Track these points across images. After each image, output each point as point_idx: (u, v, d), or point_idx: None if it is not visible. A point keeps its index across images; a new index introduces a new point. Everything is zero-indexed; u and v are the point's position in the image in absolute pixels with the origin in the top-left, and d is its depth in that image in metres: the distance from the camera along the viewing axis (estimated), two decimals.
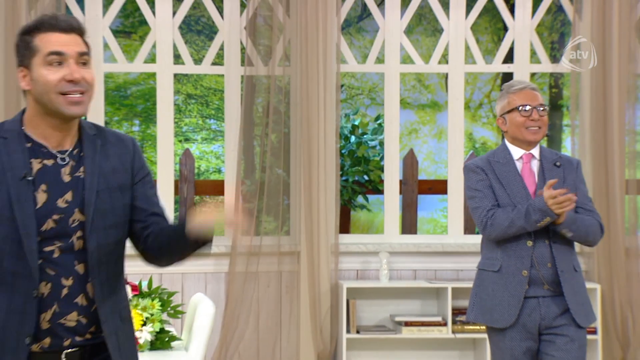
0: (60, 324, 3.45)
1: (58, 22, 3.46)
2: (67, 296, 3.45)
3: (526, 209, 5.42)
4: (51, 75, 3.39)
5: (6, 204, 3.38)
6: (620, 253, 9.34)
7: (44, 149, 3.47)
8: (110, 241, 3.52)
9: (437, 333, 9.18)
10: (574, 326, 5.53)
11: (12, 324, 3.41)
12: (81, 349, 3.51)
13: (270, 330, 9.36)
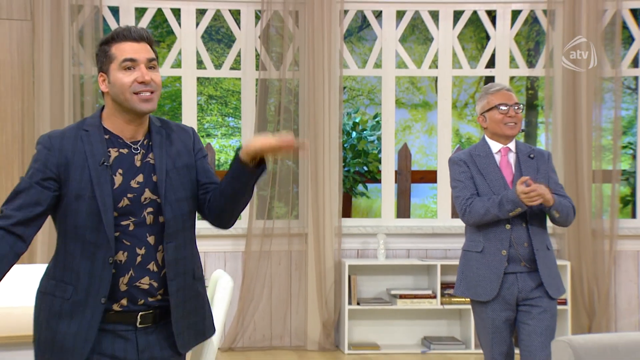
0: (135, 286, 3.59)
1: (130, 33, 3.61)
2: (140, 263, 3.59)
3: (500, 200, 5.45)
4: (126, 78, 3.55)
5: (88, 185, 3.53)
6: (588, 234, 9.40)
7: (120, 140, 3.63)
8: (184, 212, 3.67)
9: (427, 305, 9.27)
10: (547, 298, 5.56)
11: (93, 286, 3.53)
12: (154, 310, 3.63)
13: (282, 302, 9.46)
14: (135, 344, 3.62)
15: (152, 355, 3.65)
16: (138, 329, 3.62)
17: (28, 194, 3.55)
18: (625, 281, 9.63)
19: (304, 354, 9.21)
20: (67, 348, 3.56)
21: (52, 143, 3.60)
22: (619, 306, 9.63)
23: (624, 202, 10.86)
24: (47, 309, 3.62)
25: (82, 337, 3.55)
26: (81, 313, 3.55)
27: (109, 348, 3.59)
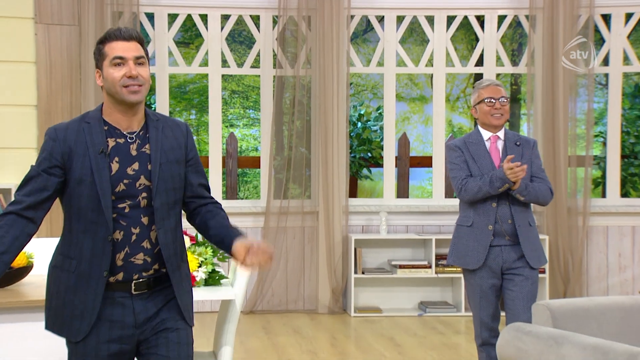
0: (130, 261, 3.58)
1: (121, 33, 3.60)
2: (135, 241, 3.58)
3: (490, 178, 5.47)
4: (116, 73, 3.54)
5: (88, 172, 3.53)
6: (564, 211, 9.44)
7: (118, 130, 3.61)
8: (170, 200, 3.64)
9: (423, 273, 9.33)
10: (528, 268, 5.60)
11: (95, 260, 3.53)
12: (147, 279, 3.62)
13: (296, 271, 9.52)
14: (132, 309, 3.60)
15: (149, 313, 3.63)
16: (133, 295, 3.61)
17: (36, 181, 3.55)
18: (595, 252, 9.67)
19: (316, 317, 9.24)
20: (75, 315, 3.57)
21: (57, 134, 3.59)
22: (590, 274, 9.67)
23: (595, 183, 10.89)
24: (57, 281, 3.62)
25: (90, 306, 3.55)
26: (86, 284, 3.55)
27: (108, 314, 3.58)
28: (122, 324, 3.59)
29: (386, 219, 9.42)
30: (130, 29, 3.64)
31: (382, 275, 9.38)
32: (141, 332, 3.63)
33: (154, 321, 3.64)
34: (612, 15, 9.66)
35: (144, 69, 3.58)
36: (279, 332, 8.52)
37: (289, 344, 8.05)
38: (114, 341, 3.59)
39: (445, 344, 8.07)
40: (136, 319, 3.61)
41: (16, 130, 8.95)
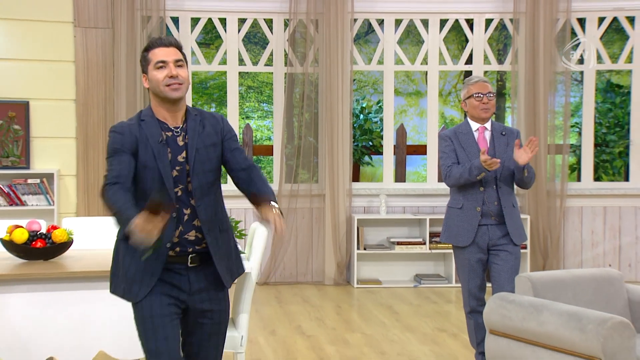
0: (185, 238, 3.66)
1: (162, 41, 3.73)
2: (187, 220, 3.66)
3: (469, 167, 5.48)
4: (159, 75, 3.65)
5: (152, 158, 3.61)
6: (543, 194, 9.44)
7: (166, 125, 3.70)
8: (209, 180, 3.71)
9: (418, 249, 9.33)
10: (512, 244, 5.61)
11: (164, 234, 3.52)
12: (200, 254, 3.69)
13: (305, 247, 9.52)
14: (187, 278, 3.68)
15: (200, 287, 3.71)
16: (189, 267, 3.68)
17: (120, 161, 3.61)
18: (571, 230, 9.68)
19: (322, 288, 9.26)
20: (136, 280, 3.64)
21: (123, 129, 3.66)
22: (567, 249, 9.67)
23: (572, 169, 10.87)
24: (124, 252, 3.68)
25: (149, 273, 3.62)
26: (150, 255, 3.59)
27: (169, 278, 3.66)
28: (178, 289, 3.68)
29: (385, 201, 9.42)
30: (170, 37, 3.77)
31: (381, 251, 9.39)
32: (191, 299, 3.72)
33: (203, 294, 3.74)
34: (587, 19, 9.63)
35: (183, 70, 3.69)
36: (290, 301, 8.55)
37: (298, 312, 8.07)
38: (170, 303, 3.67)
39: (438, 312, 8.08)
40: (191, 287, 3.70)
41: (57, 122, 8.97)
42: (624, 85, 13.21)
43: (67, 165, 8.99)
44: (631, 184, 9.87)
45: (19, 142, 8.83)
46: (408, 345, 6.82)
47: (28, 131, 8.87)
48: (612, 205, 9.71)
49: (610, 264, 9.65)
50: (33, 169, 8.89)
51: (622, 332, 4.51)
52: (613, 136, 13.32)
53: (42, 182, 8.81)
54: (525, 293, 5.21)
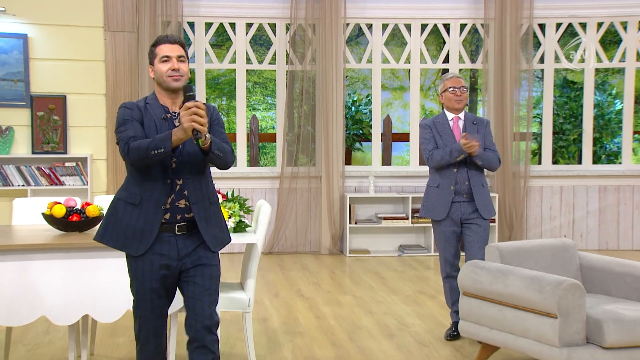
0: (175, 205, 3.65)
1: (168, 38, 3.76)
2: (178, 190, 3.66)
3: (450, 150, 5.51)
4: (163, 67, 3.70)
5: (154, 131, 3.64)
6: (510, 175, 9.43)
7: (167, 109, 3.74)
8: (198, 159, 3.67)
9: (402, 223, 9.32)
10: (481, 218, 5.64)
11: (155, 196, 3.62)
12: (187, 222, 3.68)
13: (304, 222, 9.50)
14: (176, 245, 3.67)
15: (188, 251, 3.68)
16: (177, 235, 3.67)
17: (132, 126, 3.63)
18: (533, 206, 9.69)
19: (319, 257, 9.25)
20: (136, 236, 3.64)
21: (132, 105, 3.71)
22: (529, 223, 9.69)
23: (534, 154, 10.86)
24: (122, 210, 3.68)
25: (148, 230, 3.62)
26: (146, 213, 3.63)
27: (158, 248, 3.65)
28: (168, 257, 3.66)
29: (374, 182, 9.41)
30: (175, 35, 3.80)
31: (370, 225, 9.37)
32: (182, 264, 3.70)
33: (192, 257, 3.70)
34: (547, 24, 9.62)
35: (183, 64, 3.72)
36: (291, 268, 8.55)
37: (298, 277, 8.08)
38: (162, 268, 3.66)
39: (419, 277, 8.09)
40: (179, 253, 3.68)
41: (89, 113, 9.00)
42: (577, 82, 13.21)
43: (98, 151, 9.01)
44: (583, 166, 9.88)
45: (58, 131, 8.86)
46: (393, 305, 6.83)
47: (65, 121, 8.90)
48: (567, 185, 9.72)
49: (565, 234, 9.68)
50: (70, 153, 8.93)
51: (574, 292, 4.53)
52: (568, 125, 13.32)
53: (78, 165, 8.85)
54: (493, 260, 5.22)
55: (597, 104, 12.74)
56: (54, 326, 5.99)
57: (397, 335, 5.86)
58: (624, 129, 9.93)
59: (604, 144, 13.64)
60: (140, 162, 3.55)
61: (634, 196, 9.75)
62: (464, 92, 5.71)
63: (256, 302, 6.85)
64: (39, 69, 8.85)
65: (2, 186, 8.72)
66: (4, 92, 8.75)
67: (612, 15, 9.67)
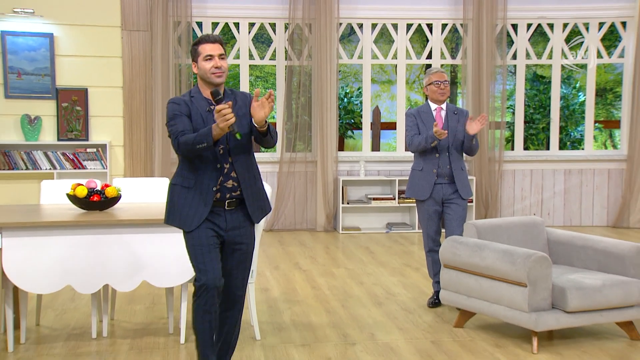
0: (224, 185, 3.73)
1: (209, 38, 3.76)
2: (226, 172, 3.73)
3: (426, 137, 5.51)
4: (207, 65, 3.71)
5: (201, 123, 3.68)
6: (486, 160, 9.42)
7: (209, 100, 3.76)
8: (243, 142, 3.74)
9: (389, 203, 9.31)
10: (460, 198, 5.63)
11: (206, 180, 3.69)
12: (235, 199, 3.76)
13: (301, 202, 9.47)
14: (225, 218, 3.75)
15: (234, 225, 3.77)
16: (226, 210, 3.75)
17: (181, 121, 3.67)
18: (506, 188, 9.69)
19: (315, 233, 9.25)
20: (190, 214, 3.71)
21: (179, 100, 3.74)
22: (503, 202, 9.70)
23: (507, 141, 10.86)
24: (178, 193, 3.74)
25: (201, 209, 3.69)
26: (199, 195, 3.69)
27: (211, 218, 3.72)
28: (218, 227, 3.76)
29: (364, 166, 9.39)
30: (215, 35, 3.80)
31: (361, 204, 9.36)
32: (228, 235, 3.79)
33: (236, 232, 3.80)
34: (519, 25, 9.60)
35: (224, 61, 3.75)
36: (290, 244, 8.56)
37: (296, 252, 8.09)
38: (214, 235, 3.75)
39: (404, 251, 8.11)
40: (227, 225, 3.77)
41: (108, 104, 8.97)
42: (546, 76, 13.22)
43: (116, 138, 9.00)
44: (550, 152, 9.87)
45: (80, 120, 8.86)
46: (381, 277, 6.85)
47: (87, 111, 8.88)
48: (537, 169, 9.73)
49: (534, 213, 9.70)
50: (91, 140, 8.92)
51: (542, 263, 4.56)
52: (538, 115, 13.37)
53: (98, 151, 8.85)
54: (471, 236, 5.23)
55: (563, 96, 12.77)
56: (79, 294, 6.00)
57: (384, 303, 5.88)
58: (586, 118, 9.95)
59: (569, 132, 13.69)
60: (189, 154, 3.64)
61: (595, 178, 9.78)
62: (446, 85, 5.69)
63: (258, 274, 6.86)
64: (63, 64, 8.83)
65: (32, 169, 8.75)
66: (33, 86, 8.74)
67: (575, 17, 9.66)
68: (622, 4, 9.61)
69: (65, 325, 5.21)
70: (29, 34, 8.71)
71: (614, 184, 9.77)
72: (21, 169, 8.72)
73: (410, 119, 5.73)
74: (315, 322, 5.31)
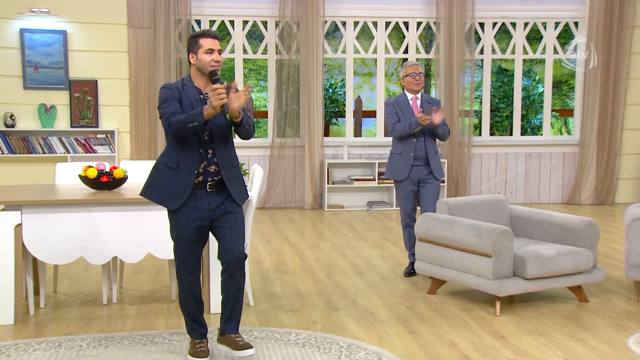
0: (207, 170, 3.62)
1: (210, 33, 3.66)
2: (209, 157, 3.62)
3: (409, 123, 5.49)
4: (207, 58, 3.60)
5: (191, 108, 3.59)
6: (457, 144, 9.42)
7: (200, 90, 3.67)
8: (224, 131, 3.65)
9: (370, 184, 9.30)
10: (434, 179, 5.62)
11: (188, 162, 3.58)
12: (215, 182, 3.65)
13: (290, 183, 9.43)
14: (207, 200, 3.64)
15: (217, 203, 3.65)
16: (208, 192, 3.64)
17: (172, 104, 3.57)
18: (474, 169, 9.71)
19: (303, 211, 9.23)
20: (173, 193, 3.61)
21: (171, 86, 3.64)
22: (471, 183, 9.71)
23: (475, 127, 10.86)
24: (163, 171, 3.64)
25: (183, 189, 3.59)
26: (181, 175, 3.59)
27: (193, 202, 3.62)
28: (201, 209, 3.65)
29: (347, 150, 9.38)
30: (215, 31, 3.71)
31: (344, 185, 9.35)
32: (213, 214, 3.67)
33: (220, 207, 3.68)
34: (485, 23, 9.60)
35: (220, 56, 3.65)
36: (280, 221, 8.55)
37: (286, 228, 8.09)
38: (196, 219, 3.64)
39: (383, 227, 8.13)
40: (210, 205, 3.66)
41: (116, 94, 8.93)
42: (509, 70, 13.24)
43: (123, 125, 8.96)
44: (513, 137, 9.89)
45: (91, 109, 8.83)
46: (362, 249, 6.86)
47: (97, 101, 8.84)
48: (501, 152, 9.75)
49: (499, 192, 9.73)
50: (101, 127, 8.88)
51: (504, 236, 4.58)
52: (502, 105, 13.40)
53: (107, 137, 8.81)
54: (443, 212, 5.25)
55: (524, 87, 12.80)
56: (90, 265, 6.01)
57: (365, 273, 5.89)
58: (544, 107, 9.99)
59: (529, 120, 13.73)
60: (179, 133, 3.53)
61: (551, 161, 9.82)
62: (421, 77, 5.68)
63: (252, 247, 6.85)
64: (75, 58, 8.78)
65: (48, 153, 8.71)
66: (48, 78, 8.70)
67: (535, 17, 9.68)
68: (574, 6, 9.66)
69: (79, 292, 5.22)
70: (45, 31, 8.66)
71: (568, 166, 9.82)
72: (38, 153, 8.69)
73: (389, 108, 5.70)
74: (303, 290, 5.31)
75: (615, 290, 5.27)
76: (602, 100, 9.53)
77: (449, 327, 4.40)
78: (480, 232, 4.64)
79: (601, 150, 9.58)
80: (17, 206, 4.43)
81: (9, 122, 8.65)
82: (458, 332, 4.30)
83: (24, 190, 4.92)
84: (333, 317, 4.62)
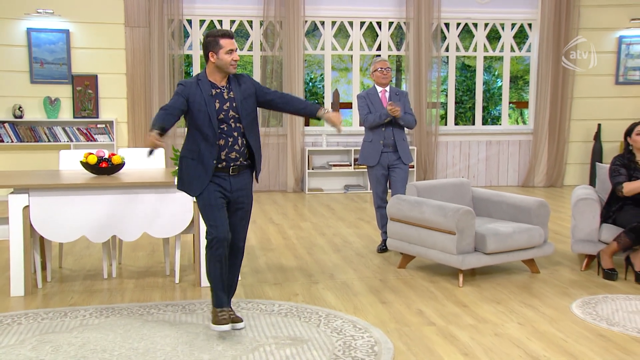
0: (229, 156, 3.61)
1: (229, 33, 3.60)
2: (230, 145, 3.60)
3: (380, 114, 5.48)
4: (228, 58, 3.55)
5: (204, 105, 3.54)
6: (424, 133, 9.42)
7: (215, 84, 3.62)
8: (251, 119, 3.65)
9: (346, 169, 9.30)
10: (403, 164, 5.59)
11: (207, 154, 3.55)
12: (237, 166, 3.64)
13: (274, 168, 9.39)
14: (229, 182, 3.65)
15: (237, 187, 3.66)
16: (231, 175, 3.64)
17: (177, 100, 3.53)
18: (440, 156, 9.73)
19: (286, 194, 9.21)
20: (194, 183, 3.60)
21: (186, 83, 3.60)
22: (437, 168, 9.73)
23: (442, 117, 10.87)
24: (186, 164, 3.63)
25: (203, 178, 3.58)
26: (202, 165, 3.57)
27: (217, 181, 3.61)
28: (223, 188, 3.64)
29: (326, 138, 9.36)
30: (231, 31, 3.66)
31: (323, 170, 9.34)
32: (232, 195, 3.68)
33: (239, 192, 3.70)
34: (450, 23, 9.63)
35: (238, 55, 3.60)
36: (265, 203, 8.54)
37: (271, 209, 8.08)
38: (218, 196, 3.62)
39: (358, 208, 8.13)
40: (231, 187, 3.66)
41: (114, 88, 8.85)
42: (472, 65, 13.27)
43: (121, 116, 8.88)
44: (475, 127, 9.94)
45: (92, 101, 8.76)
46: (340, 229, 6.87)
47: (97, 94, 8.77)
48: (465, 140, 9.79)
49: (463, 176, 9.77)
50: (101, 118, 8.81)
51: (467, 216, 4.60)
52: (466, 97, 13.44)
53: (106, 126, 8.74)
54: (412, 194, 5.25)
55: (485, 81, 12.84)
56: (92, 243, 5.98)
57: (342, 250, 5.90)
58: (503, 100, 10.05)
59: (490, 111, 13.80)
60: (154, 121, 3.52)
61: (509, 148, 9.89)
62: (388, 71, 5.64)
63: None
64: (77, 55, 8.69)
65: (52, 142, 8.64)
66: (53, 73, 8.63)
67: (494, 19, 9.73)
68: (528, 9, 9.74)
69: (82, 268, 5.19)
70: (49, 30, 8.58)
71: (524, 152, 9.89)
72: (44, 141, 8.61)
73: (361, 100, 5.68)
74: (285, 266, 5.31)
75: (562, 262, 5.34)
76: (552, 93, 9.62)
77: (417, 297, 4.43)
78: (446, 212, 4.66)
79: (552, 138, 9.67)
80: (25, 189, 4.41)
81: (18, 113, 8.58)
82: (425, 302, 4.33)
83: (31, 175, 4.88)
84: (313, 290, 4.63)
